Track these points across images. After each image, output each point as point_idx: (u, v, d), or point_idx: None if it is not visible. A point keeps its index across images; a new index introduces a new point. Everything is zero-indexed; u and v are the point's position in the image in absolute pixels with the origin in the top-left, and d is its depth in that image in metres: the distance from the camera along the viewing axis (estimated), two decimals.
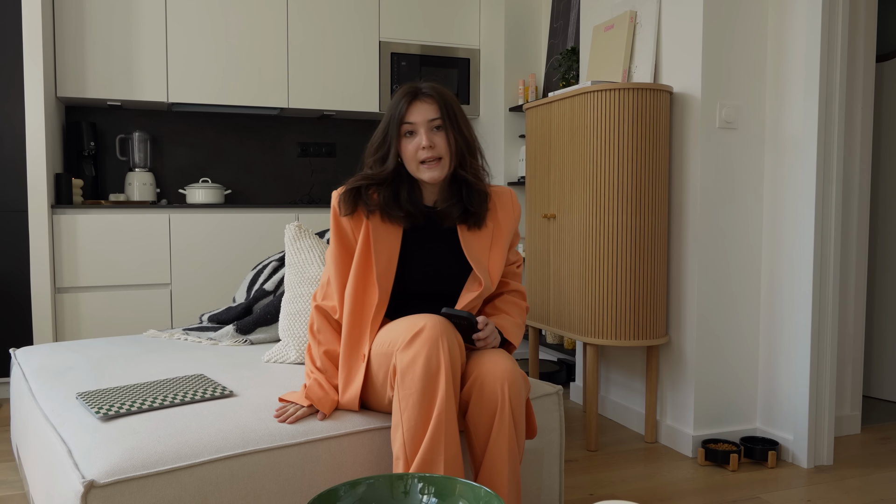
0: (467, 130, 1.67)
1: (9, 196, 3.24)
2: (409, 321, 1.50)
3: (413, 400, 1.43)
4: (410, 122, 1.62)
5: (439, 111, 1.62)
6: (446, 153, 1.63)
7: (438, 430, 1.42)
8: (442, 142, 1.62)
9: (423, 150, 1.61)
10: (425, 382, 1.43)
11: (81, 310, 3.26)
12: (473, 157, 1.69)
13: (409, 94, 1.63)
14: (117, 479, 1.33)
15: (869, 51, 2.75)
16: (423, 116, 1.61)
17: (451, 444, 1.43)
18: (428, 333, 1.45)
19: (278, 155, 4.09)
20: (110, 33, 3.42)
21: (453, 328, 1.50)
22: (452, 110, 1.64)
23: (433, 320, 1.47)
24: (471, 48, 4.07)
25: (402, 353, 1.46)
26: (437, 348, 1.44)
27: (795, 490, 2.29)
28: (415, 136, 1.63)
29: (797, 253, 2.50)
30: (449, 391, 1.43)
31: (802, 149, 2.46)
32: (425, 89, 1.63)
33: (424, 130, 1.61)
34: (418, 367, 1.43)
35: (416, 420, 1.43)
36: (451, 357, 1.45)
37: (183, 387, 1.74)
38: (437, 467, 1.41)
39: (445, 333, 1.46)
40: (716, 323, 2.60)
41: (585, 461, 2.54)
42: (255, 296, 2.44)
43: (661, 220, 2.60)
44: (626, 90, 2.52)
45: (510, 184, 3.81)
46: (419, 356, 1.44)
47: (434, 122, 1.62)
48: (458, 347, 1.49)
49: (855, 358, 2.85)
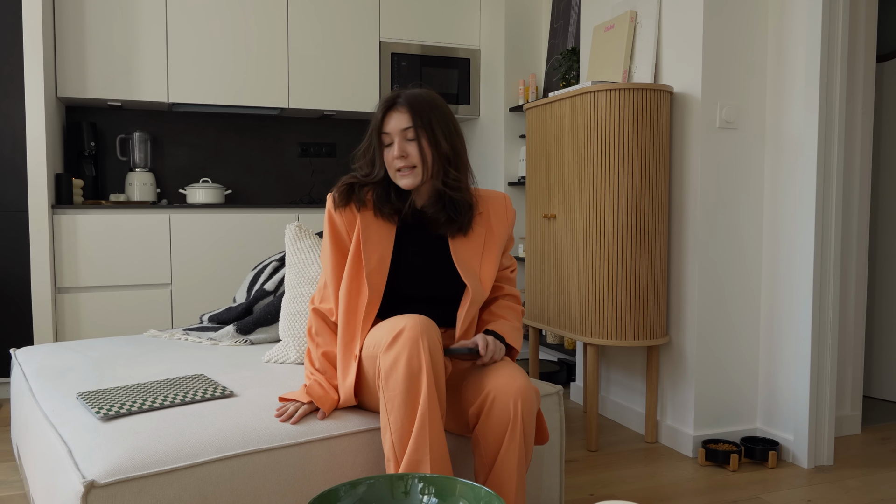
0: (446, 139, 1.65)
1: (9, 196, 3.24)
2: (391, 323, 1.51)
3: (398, 401, 1.44)
4: (386, 132, 1.65)
5: (411, 120, 1.62)
6: (419, 162, 1.63)
7: (423, 430, 1.43)
8: (414, 151, 1.63)
9: (397, 160, 1.64)
10: (408, 383, 1.44)
11: (82, 310, 3.26)
12: (454, 166, 1.68)
13: (386, 103, 1.66)
14: (118, 479, 1.33)
15: (869, 51, 2.76)
16: (396, 126, 1.64)
17: (437, 444, 1.44)
18: (408, 334, 1.46)
19: (279, 155, 4.09)
20: (111, 33, 3.42)
21: (435, 327, 1.51)
22: (427, 119, 1.63)
23: (413, 320, 1.48)
24: (471, 48, 4.07)
25: (384, 355, 1.48)
26: (417, 348, 1.45)
27: (796, 490, 2.29)
28: (392, 145, 1.65)
29: (797, 252, 2.50)
30: (432, 390, 1.44)
31: (803, 149, 2.46)
32: (401, 98, 1.65)
33: (398, 140, 1.64)
34: (400, 368, 1.44)
35: (402, 421, 1.44)
36: (433, 356, 1.46)
37: (183, 387, 1.74)
38: (424, 467, 1.43)
39: (426, 333, 1.47)
40: (716, 323, 2.60)
41: (586, 461, 2.54)
42: (255, 296, 2.44)
43: (661, 220, 2.60)
44: (626, 90, 2.52)
45: (510, 184, 3.81)
46: (401, 357, 1.45)
47: (406, 131, 1.63)
48: (440, 346, 1.50)
49: (855, 358, 2.85)
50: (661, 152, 2.59)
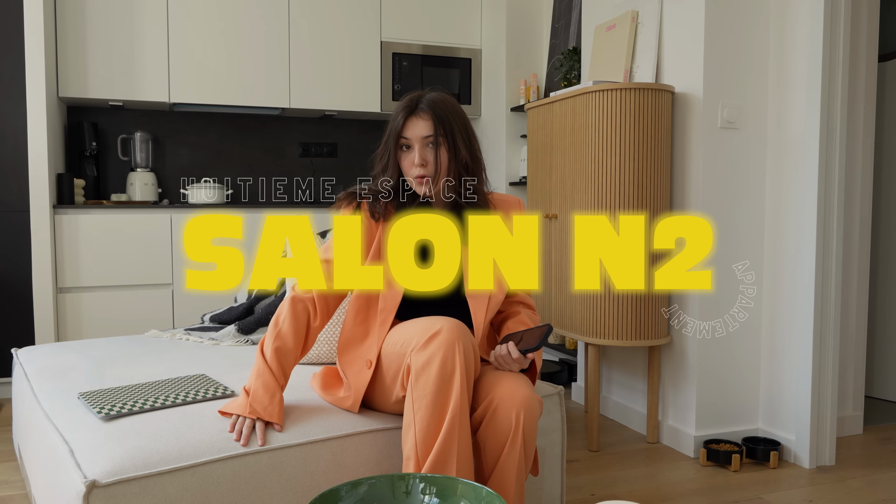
0: (465, 147, 1.63)
1: (11, 196, 3.24)
2: (425, 322, 1.49)
3: (427, 401, 1.43)
4: (406, 137, 1.62)
5: (433, 128, 1.60)
6: (438, 170, 1.61)
7: (452, 431, 1.42)
8: (433, 159, 1.61)
9: (416, 168, 1.61)
10: (440, 384, 1.42)
11: (83, 310, 3.26)
12: (471, 172, 1.65)
13: (407, 108, 1.62)
14: (119, 478, 1.33)
15: (871, 50, 2.75)
16: (417, 133, 1.60)
17: (464, 447, 1.43)
18: (445, 336, 1.44)
19: (280, 155, 4.09)
20: (112, 33, 3.42)
21: (469, 333, 1.49)
22: (450, 127, 1.61)
23: (450, 323, 1.47)
24: (472, 48, 4.07)
25: (417, 354, 1.46)
26: (453, 351, 1.43)
27: (797, 490, 2.29)
28: (411, 150, 1.62)
29: (799, 252, 2.49)
30: (463, 394, 1.43)
31: (804, 149, 2.46)
32: (423, 104, 1.61)
33: (418, 147, 1.61)
34: (434, 368, 1.43)
35: (430, 421, 1.42)
36: (466, 361, 1.45)
37: (185, 387, 1.74)
38: (450, 469, 1.41)
39: (462, 338, 1.46)
40: (718, 323, 2.60)
41: (587, 461, 2.54)
42: (256, 296, 2.44)
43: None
44: (627, 90, 2.52)
45: (512, 184, 3.81)
46: (435, 358, 1.43)
47: (428, 139, 1.60)
48: (473, 352, 1.48)
49: (857, 358, 2.84)
50: (663, 152, 2.58)
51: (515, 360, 1.54)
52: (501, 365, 1.57)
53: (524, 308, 1.78)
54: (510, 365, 1.56)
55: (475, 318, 1.65)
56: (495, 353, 1.57)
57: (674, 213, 2.69)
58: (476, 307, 1.66)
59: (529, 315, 1.76)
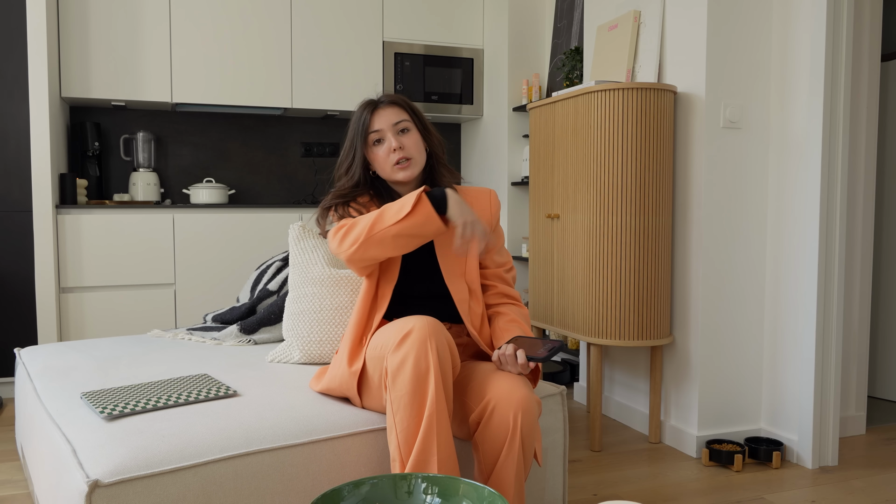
0: (433, 130, 1.76)
1: (13, 196, 3.24)
2: (399, 324, 1.51)
3: (405, 402, 1.44)
4: (377, 130, 1.69)
5: (405, 113, 1.71)
6: (416, 152, 1.70)
7: (430, 430, 1.42)
8: (410, 142, 1.70)
9: (395, 153, 1.68)
10: (415, 384, 1.43)
11: (86, 309, 3.26)
12: (438, 159, 1.77)
13: (370, 105, 1.72)
14: (122, 478, 1.33)
15: (874, 50, 2.75)
16: (387, 121, 1.69)
17: (444, 444, 1.44)
18: (416, 335, 1.45)
19: (282, 155, 4.10)
20: (114, 33, 3.43)
21: (443, 328, 1.50)
22: (415, 111, 1.73)
23: (421, 322, 1.48)
24: (474, 48, 4.07)
25: (392, 356, 1.47)
26: (425, 349, 1.44)
27: (800, 491, 2.29)
28: (383, 142, 1.70)
29: (802, 253, 2.49)
30: (439, 392, 1.44)
31: (807, 148, 2.46)
32: (383, 98, 1.73)
33: (391, 135, 1.68)
34: (407, 368, 1.44)
35: (409, 421, 1.44)
36: (440, 357, 1.46)
37: (187, 386, 1.74)
38: (431, 467, 1.42)
39: (434, 335, 1.46)
40: (720, 323, 2.60)
41: (589, 461, 2.54)
42: (258, 296, 2.44)
43: (664, 220, 2.60)
44: (629, 90, 2.52)
45: (514, 184, 3.81)
46: (408, 358, 1.45)
47: (399, 124, 1.70)
48: (449, 347, 1.49)
49: (860, 358, 2.84)
50: (665, 152, 2.58)
51: (521, 365, 1.54)
52: (503, 364, 1.57)
53: (510, 303, 1.78)
54: (512, 367, 1.56)
55: (456, 297, 1.68)
56: (500, 352, 1.58)
57: (676, 212, 2.69)
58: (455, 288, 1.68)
59: (520, 313, 1.76)
